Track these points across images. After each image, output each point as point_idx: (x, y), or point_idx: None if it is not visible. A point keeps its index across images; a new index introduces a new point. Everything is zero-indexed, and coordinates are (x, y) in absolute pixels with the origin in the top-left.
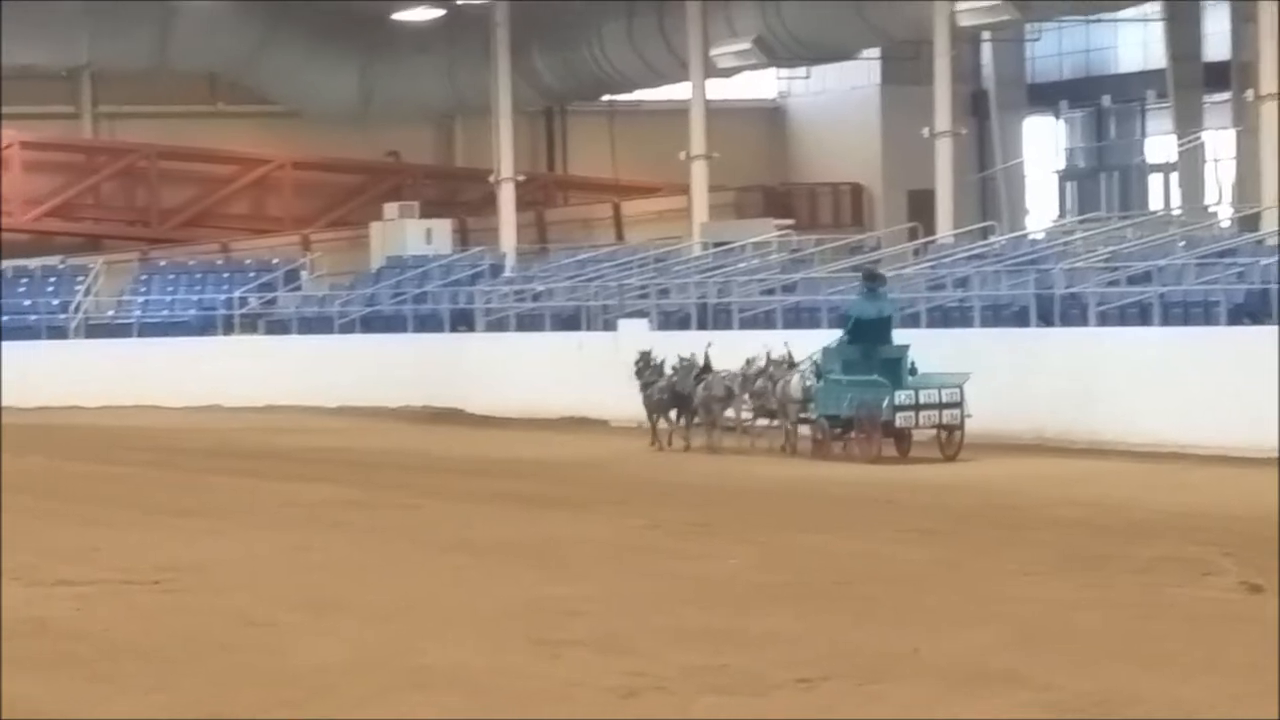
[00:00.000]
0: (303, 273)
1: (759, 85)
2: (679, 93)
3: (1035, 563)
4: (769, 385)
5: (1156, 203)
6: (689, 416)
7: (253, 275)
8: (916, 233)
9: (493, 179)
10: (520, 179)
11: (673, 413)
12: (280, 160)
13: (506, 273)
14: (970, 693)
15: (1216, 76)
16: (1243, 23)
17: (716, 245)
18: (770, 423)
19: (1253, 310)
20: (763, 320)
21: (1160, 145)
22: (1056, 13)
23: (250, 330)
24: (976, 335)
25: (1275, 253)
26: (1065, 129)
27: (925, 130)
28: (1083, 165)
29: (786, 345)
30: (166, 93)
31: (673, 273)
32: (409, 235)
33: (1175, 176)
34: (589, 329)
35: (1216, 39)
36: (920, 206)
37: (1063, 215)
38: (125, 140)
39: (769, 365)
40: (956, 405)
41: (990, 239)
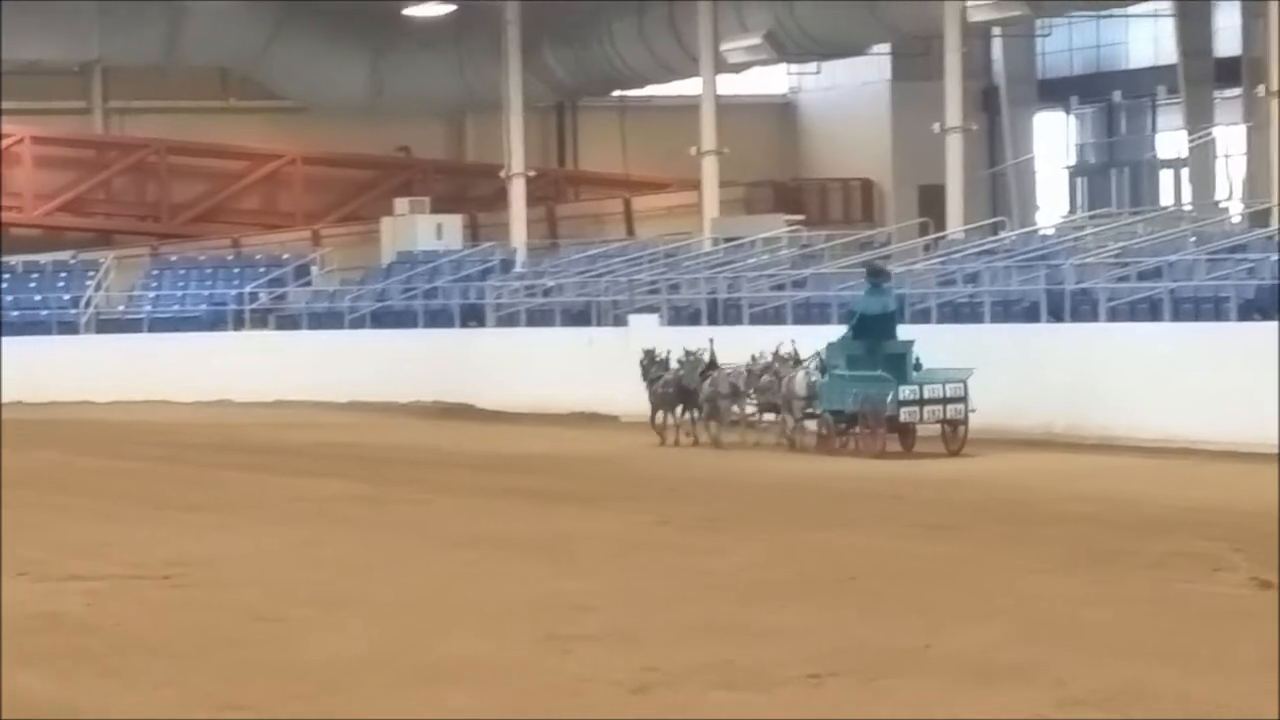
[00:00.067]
0: (313, 268)
1: (769, 81)
2: (690, 88)
3: (1044, 558)
4: (774, 381)
5: (1167, 198)
6: (694, 412)
7: (263, 270)
8: (927, 228)
9: (503, 174)
10: (531, 174)
11: (679, 408)
12: (291, 155)
13: (517, 268)
14: (979, 688)
15: (1227, 72)
16: (1253, 18)
17: (727, 241)
18: (776, 417)
19: (1263, 306)
20: (773, 316)
21: (1171, 141)
22: (1067, 8)
23: (260, 325)
24: (987, 330)
25: None
26: (1076, 124)
27: (936, 126)
28: (1093, 161)
29: (793, 342)
30: (177, 88)
31: (683, 268)
32: (419, 230)
33: (1186, 172)
34: (599, 324)
35: (1227, 34)
36: (931, 202)
37: (1073, 211)
38: (136, 135)
39: (774, 361)
40: (960, 400)
41: (1000, 234)
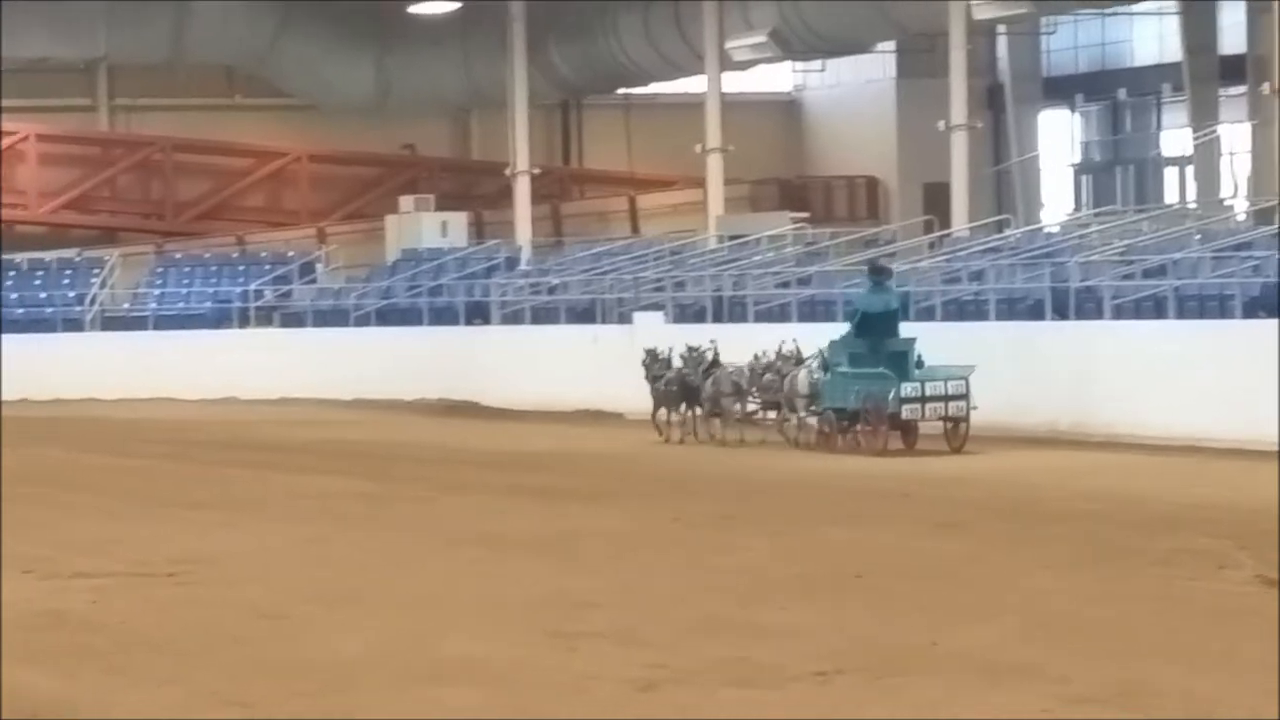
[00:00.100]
0: (318, 265)
1: (774, 78)
2: (695, 86)
3: (1050, 556)
4: (777, 379)
5: (1172, 196)
6: (694, 409)
7: (268, 268)
8: (932, 226)
9: (508, 172)
10: (536, 172)
11: (682, 405)
12: (296, 153)
13: (522, 266)
14: (987, 685)
15: (1232, 70)
16: (1258, 16)
17: (732, 238)
18: (778, 415)
19: (1268, 303)
20: (778, 313)
21: (1176, 138)
22: (1072, 6)
23: (265, 323)
24: (991, 328)
25: None
26: (1081, 122)
27: (940, 123)
28: (1098, 158)
29: (794, 340)
30: (183, 86)
31: (688, 266)
32: (424, 228)
33: (1191, 170)
34: (604, 322)
35: (1232, 32)
36: (935, 200)
37: (1078, 209)
38: (141, 133)
39: (777, 359)
40: (962, 397)
41: (1005, 232)
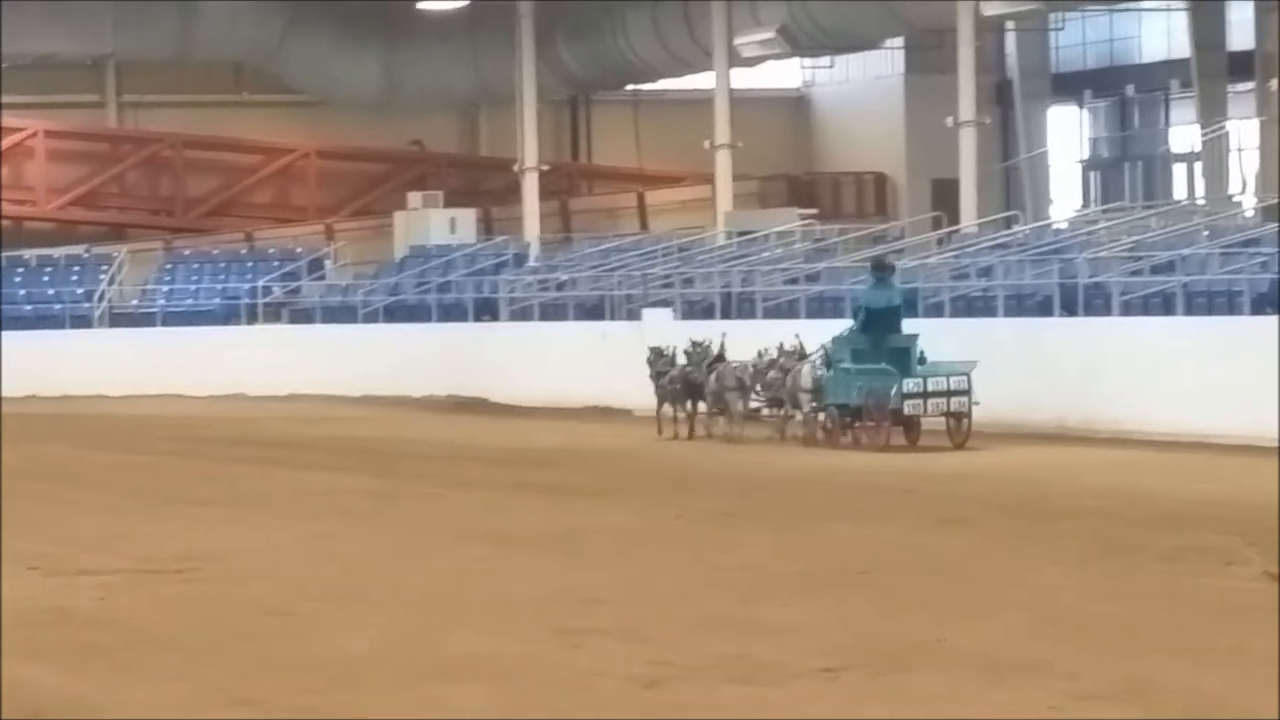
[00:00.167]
0: (327, 262)
1: (783, 74)
2: (703, 82)
3: (1056, 552)
4: (780, 376)
5: (1180, 192)
6: (697, 405)
7: (277, 264)
8: (940, 222)
9: (517, 168)
10: (544, 168)
11: (687, 402)
12: (304, 149)
13: (530, 262)
14: (993, 682)
15: (1241, 66)
16: (1267, 13)
17: (740, 235)
18: (781, 411)
19: (1276, 300)
20: (786, 310)
21: (1184, 135)
22: (1080, 3)
23: (274, 319)
24: (999, 325)
25: None
26: (1089, 118)
27: (949, 120)
28: (1106, 155)
29: (798, 336)
30: (191, 82)
31: (696, 262)
32: (433, 224)
33: (1199, 166)
34: (613, 318)
35: (1241, 28)
36: (944, 196)
37: (1086, 205)
38: (150, 129)
39: (780, 356)
40: (964, 393)
41: (1014, 228)
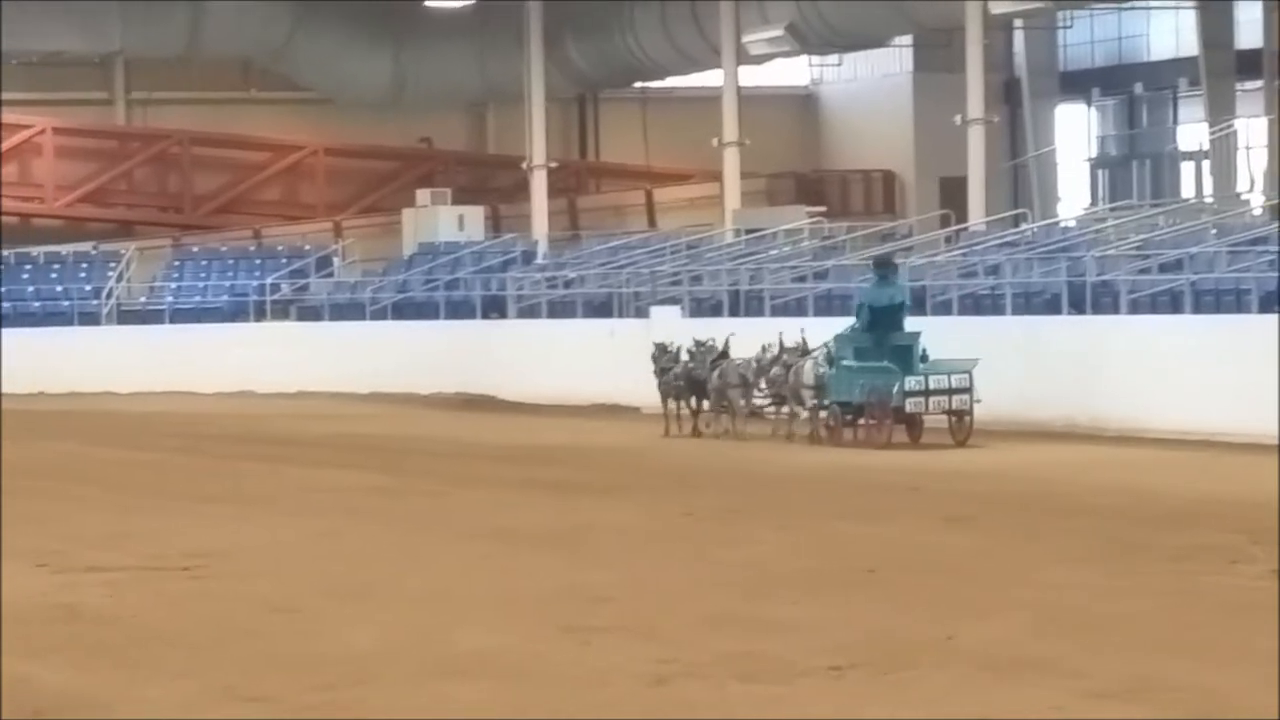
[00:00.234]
0: (335, 259)
1: (791, 72)
2: (711, 80)
3: (1063, 550)
4: (784, 372)
5: (1188, 190)
6: (701, 402)
7: (285, 261)
8: (948, 220)
9: (525, 166)
10: (552, 166)
11: (692, 399)
12: (313, 146)
13: (538, 260)
14: (999, 680)
15: (1249, 64)
16: (1274, 11)
17: (748, 232)
18: (784, 409)
19: None
20: (794, 307)
21: (1192, 133)
22: (1089, 1)
23: (282, 317)
24: (1007, 322)
25: None
26: (1097, 116)
27: (957, 118)
28: (1114, 153)
29: (803, 331)
30: (200, 79)
31: (705, 260)
32: (441, 222)
33: (1207, 164)
34: (621, 316)
35: (1249, 27)
36: (952, 194)
37: (1094, 203)
38: (158, 126)
39: (783, 352)
40: (966, 391)
41: (1022, 226)
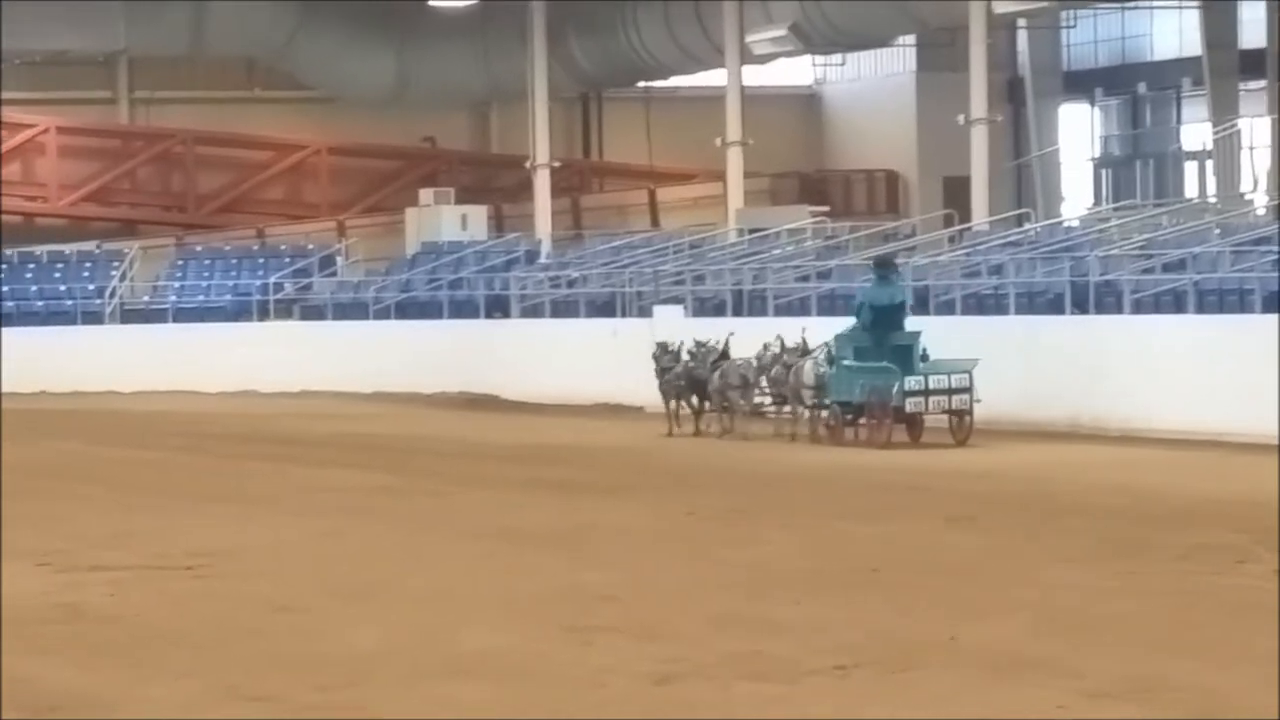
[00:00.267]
0: (338, 258)
1: (795, 72)
2: (715, 79)
3: (1067, 550)
4: (784, 372)
5: (1192, 190)
6: (702, 402)
7: (288, 261)
8: (951, 219)
9: (528, 165)
10: (556, 165)
11: (693, 398)
12: (316, 146)
13: (542, 259)
14: (1005, 680)
15: (1252, 64)
16: (1278, 10)
17: (752, 232)
18: (784, 409)
19: None
20: (797, 307)
21: (1196, 132)
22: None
23: (285, 316)
24: (1010, 322)
25: None
26: (1100, 116)
27: (960, 117)
28: (1118, 153)
29: (804, 330)
30: (203, 78)
31: (708, 259)
32: (444, 221)
33: (1210, 164)
34: (624, 315)
35: (1252, 26)
36: (955, 193)
37: (1098, 202)
38: (161, 125)
39: (783, 352)
40: (966, 390)
41: (1025, 226)
